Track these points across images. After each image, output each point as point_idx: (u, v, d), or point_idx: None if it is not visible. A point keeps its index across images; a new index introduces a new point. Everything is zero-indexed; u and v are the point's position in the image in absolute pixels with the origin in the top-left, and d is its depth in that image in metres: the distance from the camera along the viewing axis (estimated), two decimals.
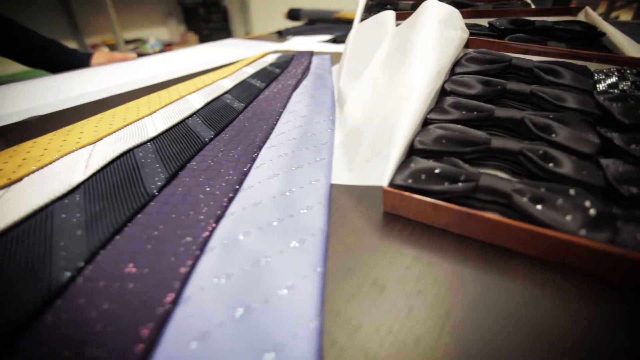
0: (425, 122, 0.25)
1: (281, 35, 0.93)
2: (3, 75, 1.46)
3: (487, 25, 0.40)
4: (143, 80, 0.55)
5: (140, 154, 0.28)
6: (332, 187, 0.24)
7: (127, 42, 1.75)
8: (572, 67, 0.28)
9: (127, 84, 0.53)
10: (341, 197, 0.23)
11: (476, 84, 0.28)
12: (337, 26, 0.92)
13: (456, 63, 0.31)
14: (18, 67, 1.49)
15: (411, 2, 0.49)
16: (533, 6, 0.46)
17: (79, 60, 0.65)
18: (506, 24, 0.37)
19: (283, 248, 0.18)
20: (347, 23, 0.94)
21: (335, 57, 0.61)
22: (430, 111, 0.26)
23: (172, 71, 0.59)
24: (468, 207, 0.19)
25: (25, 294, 0.15)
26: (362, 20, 0.47)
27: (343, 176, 0.25)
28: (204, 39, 2.08)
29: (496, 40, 0.33)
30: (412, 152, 0.23)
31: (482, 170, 0.20)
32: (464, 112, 0.25)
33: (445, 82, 0.29)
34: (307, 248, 0.18)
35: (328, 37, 0.85)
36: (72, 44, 1.63)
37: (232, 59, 0.67)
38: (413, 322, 0.15)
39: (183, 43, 2.04)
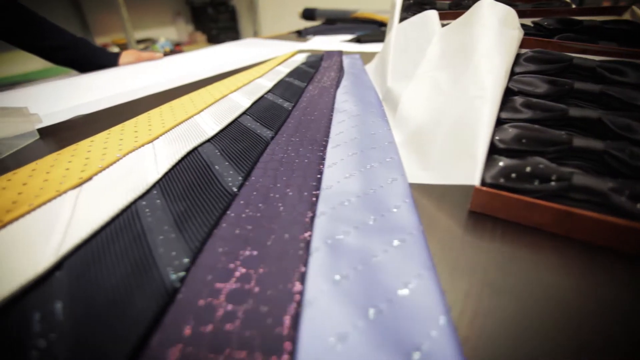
0: (498, 122, 0.25)
1: (301, 35, 0.93)
2: (17, 74, 1.46)
3: (531, 25, 0.40)
4: (177, 79, 0.54)
5: (207, 153, 0.28)
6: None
7: (138, 42, 1.74)
8: (635, 66, 0.28)
9: (162, 83, 0.53)
10: (421, 197, 0.23)
11: (541, 83, 0.28)
12: (356, 26, 0.92)
13: (514, 63, 0.31)
14: (32, 66, 1.48)
15: (448, 2, 0.49)
16: (573, 5, 0.46)
17: (107, 59, 0.65)
18: (555, 24, 0.37)
19: (386, 247, 0.18)
20: (367, 23, 0.93)
21: (365, 57, 0.60)
22: (500, 110, 0.26)
23: (202, 70, 0.59)
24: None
25: (142, 296, 0.15)
26: (401, 20, 0.46)
27: (420, 176, 0.24)
28: (212, 38, 2.07)
29: (552, 39, 0.33)
30: (491, 151, 0.23)
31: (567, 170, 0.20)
32: (537, 112, 0.25)
33: (507, 81, 0.29)
34: (410, 246, 0.17)
35: (349, 36, 0.84)
36: None
37: (259, 58, 0.67)
38: (531, 320, 0.15)
39: (191, 43, 2.04)
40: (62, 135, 0.36)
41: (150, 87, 0.51)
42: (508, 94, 0.28)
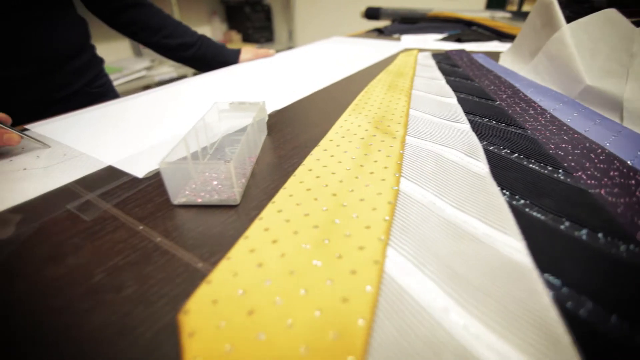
0: None
1: (383, 33, 0.92)
2: None
3: None
4: (323, 76, 0.53)
5: (494, 151, 0.27)
6: None
7: None
8: None
9: (312, 79, 0.52)
10: None
11: None
12: (441, 25, 0.91)
13: None
14: None
15: None
16: None
17: (229, 57, 0.63)
18: None
19: None
20: (450, 22, 0.93)
21: (491, 56, 0.60)
22: None
23: (338, 67, 0.58)
24: None
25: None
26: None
27: None
28: (247, 37, 2.05)
29: None
30: None
31: None
32: None
33: None
34: None
35: (437, 35, 0.84)
36: (127, 43, 1.60)
37: (373, 56, 0.66)
38: None
39: (227, 41, 2.01)
40: (278, 129, 0.35)
41: (305, 83, 0.50)
42: None
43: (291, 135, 0.34)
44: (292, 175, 0.25)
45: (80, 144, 0.33)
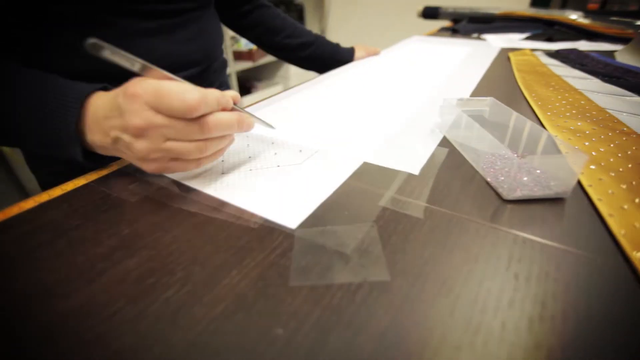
0: None
1: (458, 32, 0.92)
2: None
3: None
4: (459, 76, 0.54)
5: None
6: None
7: None
8: None
9: (455, 81, 0.52)
10: None
11: None
12: (520, 24, 0.91)
13: None
14: None
15: None
16: None
17: (345, 55, 0.63)
18: None
19: None
20: (526, 21, 0.93)
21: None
22: None
23: (454, 65, 0.58)
24: None
25: None
26: None
27: None
28: None
29: None
30: None
31: None
32: None
33: None
34: None
35: (521, 35, 0.84)
36: None
37: (475, 57, 0.66)
38: None
39: None
40: None
41: (451, 83, 0.50)
42: None
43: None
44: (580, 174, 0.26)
45: (306, 138, 0.33)
